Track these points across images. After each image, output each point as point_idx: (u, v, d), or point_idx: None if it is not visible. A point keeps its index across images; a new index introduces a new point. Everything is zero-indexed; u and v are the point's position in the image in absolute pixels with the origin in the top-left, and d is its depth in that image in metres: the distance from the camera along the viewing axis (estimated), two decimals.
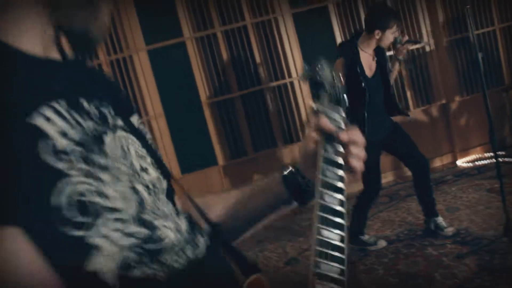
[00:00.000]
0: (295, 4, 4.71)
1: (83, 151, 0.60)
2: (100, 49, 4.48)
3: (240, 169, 4.73)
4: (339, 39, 4.78)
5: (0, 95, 0.56)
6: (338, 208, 0.76)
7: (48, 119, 0.58)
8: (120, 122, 0.72)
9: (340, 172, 0.80)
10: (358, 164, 0.85)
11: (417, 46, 4.73)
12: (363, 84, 3.21)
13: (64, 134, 0.59)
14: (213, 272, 0.74)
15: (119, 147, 0.67)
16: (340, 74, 3.06)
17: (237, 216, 0.95)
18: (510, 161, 4.51)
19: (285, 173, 0.92)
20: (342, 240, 0.74)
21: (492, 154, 3.19)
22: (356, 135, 0.86)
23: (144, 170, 0.70)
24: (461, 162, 4.95)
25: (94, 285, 0.57)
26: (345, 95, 0.97)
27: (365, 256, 3.43)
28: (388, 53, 3.60)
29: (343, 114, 0.90)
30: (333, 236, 0.74)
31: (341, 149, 0.83)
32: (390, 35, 3.20)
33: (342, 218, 0.76)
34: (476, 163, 4.82)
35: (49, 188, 0.55)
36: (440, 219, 3.47)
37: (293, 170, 0.92)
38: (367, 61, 3.31)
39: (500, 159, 3.27)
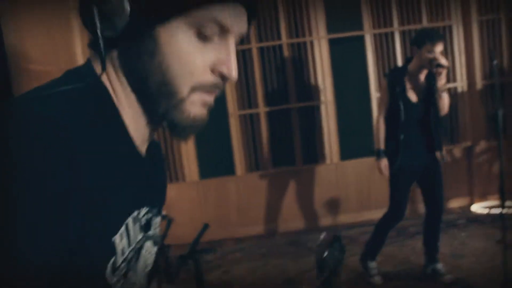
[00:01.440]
0: (332, 29, 4.79)
1: (127, 269, 0.66)
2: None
3: (256, 182, 4.86)
4: (371, 69, 4.83)
5: (109, 185, 0.62)
6: None
7: (121, 236, 0.64)
8: (151, 230, 0.77)
9: None
10: None
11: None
12: (401, 107, 3.22)
13: (123, 253, 0.64)
14: None
15: (143, 261, 0.74)
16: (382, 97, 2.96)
17: None
18: None
19: None
20: None
21: (500, 203, 3.19)
22: None
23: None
24: (476, 208, 4.91)
25: None
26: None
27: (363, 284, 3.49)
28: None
29: None
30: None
31: None
32: (425, 54, 3.12)
33: None
34: (491, 211, 4.77)
35: None
36: (439, 266, 3.48)
37: None
38: (413, 85, 3.27)
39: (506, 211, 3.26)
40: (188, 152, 4.84)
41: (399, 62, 4.79)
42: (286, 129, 4.90)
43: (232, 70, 0.69)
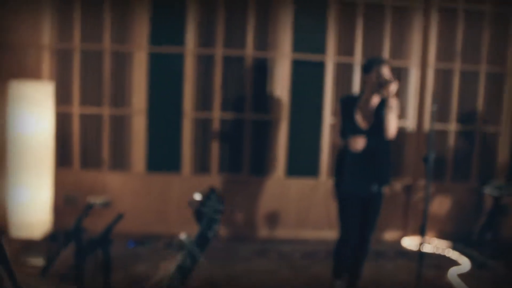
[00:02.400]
0: (296, 48, 4.93)
1: None
2: (106, 35, 4.72)
3: (201, 183, 4.90)
4: (328, 93, 4.99)
5: None
6: None
7: None
8: None
9: None
10: None
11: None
12: (350, 132, 3.28)
13: None
14: None
15: None
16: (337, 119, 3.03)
17: None
18: (451, 255, 4.67)
19: None
20: None
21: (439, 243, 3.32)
22: None
23: None
24: (407, 242, 5.10)
25: None
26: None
27: None
28: None
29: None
30: None
31: None
32: (374, 76, 3.24)
33: None
34: (420, 248, 4.94)
35: None
36: None
37: None
38: (364, 113, 3.35)
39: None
40: (138, 143, 4.87)
41: (356, 91, 4.97)
42: (238, 138, 4.99)
43: None
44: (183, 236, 1.36)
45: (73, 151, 4.86)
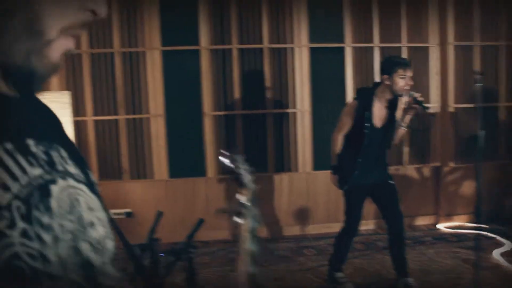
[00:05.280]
0: (314, 39, 4.79)
1: (25, 208, 0.54)
2: (115, 39, 4.53)
3: (226, 185, 4.74)
4: (349, 81, 4.86)
5: None
6: None
7: None
8: (71, 169, 0.66)
9: None
10: None
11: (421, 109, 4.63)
12: (366, 131, 3.33)
13: (5, 187, 0.53)
14: None
15: (67, 199, 0.61)
16: (349, 117, 3.17)
17: None
18: (490, 236, 4.56)
19: None
20: None
21: (474, 225, 3.24)
22: None
23: (91, 225, 0.64)
24: (442, 226, 4.99)
25: None
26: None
27: None
28: None
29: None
30: None
31: None
32: (398, 79, 3.23)
33: None
34: (457, 230, 4.86)
35: None
36: (410, 280, 3.48)
37: None
38: (379, 110, 3.38)
39: (482, 233, 3.30)
40: (159, 149, 4.67)
41: (377, 77, 4.85)
42: (260, 134, 4.83)
43: (104, 5, 0.61)
44: (241, 197, 1.28)
45: (91, 162, 4.66)
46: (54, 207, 0.58)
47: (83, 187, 0.66)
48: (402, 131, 3.40)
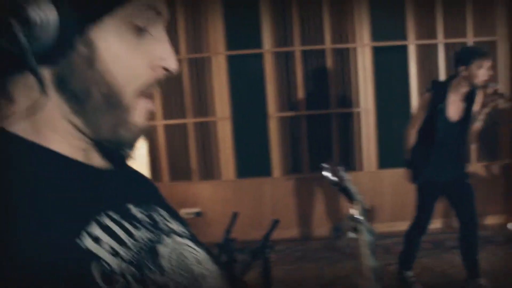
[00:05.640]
0: (376, 37, 4.78)
1: (138, 270, 0.55)
2: (181, 46, 4.73)
3: (292, 185, 4.85)
4: (413, 79, 4.82)
5: (45, 209, 0.52)
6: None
7: (97, 239, 0.54)
8: (174, 226, 0.69)
9: None
10: None
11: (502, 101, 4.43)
12: (439, 125, 3.21)
13: (115, 254, 0.54)
14: None
15: (175, 255, 0.63)
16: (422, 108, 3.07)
17: None
18: None
19: None
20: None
21: None
22: None
23: (203, 278, 0.65)
24: None
25: None
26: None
27: None
28: None
29: None
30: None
31: None
32: (476, 70, 3.06)
33: None
34: None
35: None
36: (483, 281, 3.41)
37: None
38: (454, 103, 3.24)
39: None
40: (226, 151, 4.85)
41: (442, 74, 4.77)
42: (325, 134, 4.89)
43: (174, 61, 0.61)
44: (353, 212, 1.30)
45: (162, 164, 4.90)
46: (165, 265, 0.59)
47: (188, 242, 0.68)
48: (478, 126, 3.22)
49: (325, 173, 1.35)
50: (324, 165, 1.38)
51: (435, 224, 4.76)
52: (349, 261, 4.15)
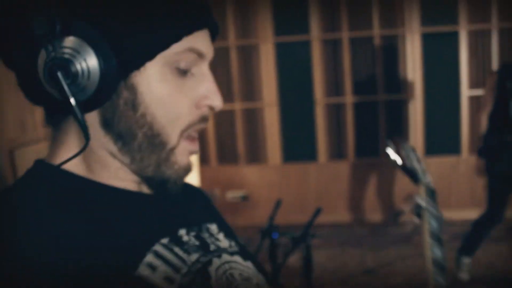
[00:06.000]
0: (425, 23, 4.71)
1: None
2: (230, 33, 4.83)
3: (338, 170, 4.91)
4: (464, 66, 4.72)
5: (99, 242, 0.55)
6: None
7: (153, 267, 0.57)
8: (223, 244, 0.70)
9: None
10: None
11: None
12: (510, 105, 3.05)
13: (170, 281, 0.57)
14: None
15: (223, 276, 0.64)
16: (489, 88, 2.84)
17: None
18: None
19: None
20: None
21: None
22: None
23: None
24: None
25: None
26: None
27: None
28: None
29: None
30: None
31: None
32: None
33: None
34: None
35: None
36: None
37: None
38: None
39: None
40: (272, 136, 4.95)
41: (495, 62, 4.64)
42: (371, 120, 4.90)
43: (219, 98, 0.64)
44: (419, 199, 1.17)
45: (210, 148, 5.06)
46: (215, 285, 0.62)
47: (237, 258, 0.70)
48: None
49: (388, 149, 1.25)
50: (390, 141, 1.30)
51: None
52: (393, 248, 4.20)
